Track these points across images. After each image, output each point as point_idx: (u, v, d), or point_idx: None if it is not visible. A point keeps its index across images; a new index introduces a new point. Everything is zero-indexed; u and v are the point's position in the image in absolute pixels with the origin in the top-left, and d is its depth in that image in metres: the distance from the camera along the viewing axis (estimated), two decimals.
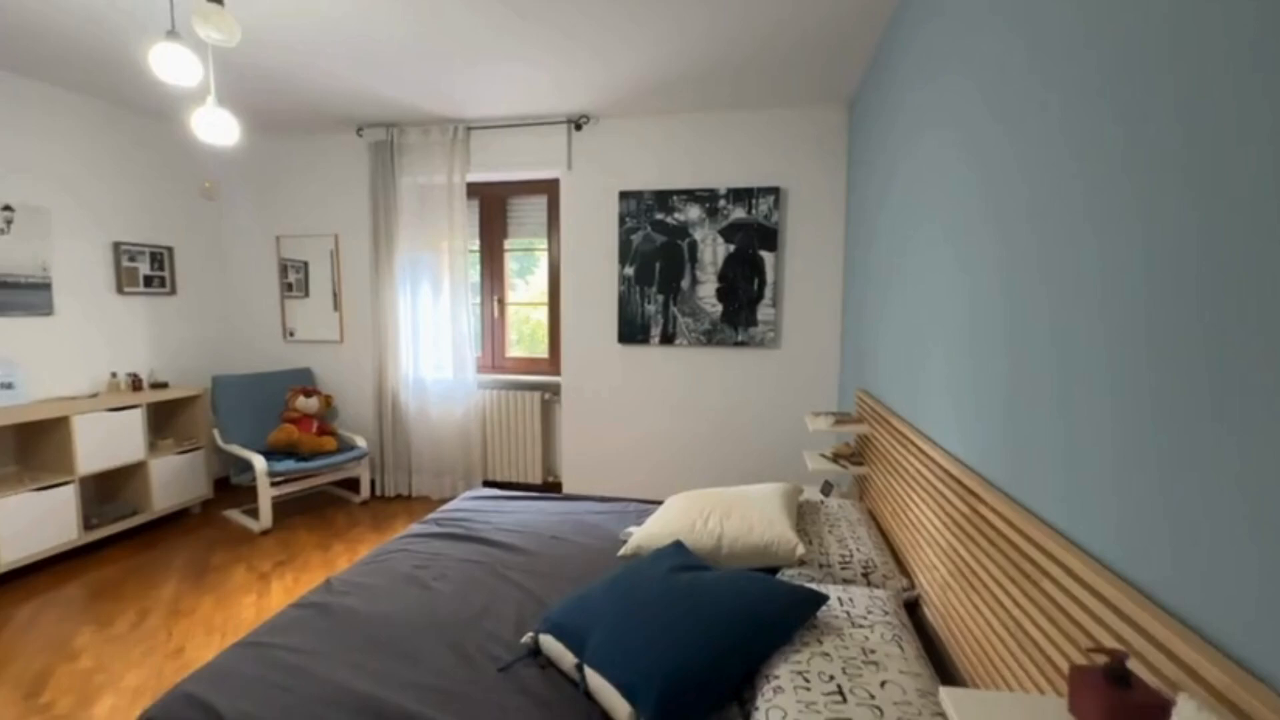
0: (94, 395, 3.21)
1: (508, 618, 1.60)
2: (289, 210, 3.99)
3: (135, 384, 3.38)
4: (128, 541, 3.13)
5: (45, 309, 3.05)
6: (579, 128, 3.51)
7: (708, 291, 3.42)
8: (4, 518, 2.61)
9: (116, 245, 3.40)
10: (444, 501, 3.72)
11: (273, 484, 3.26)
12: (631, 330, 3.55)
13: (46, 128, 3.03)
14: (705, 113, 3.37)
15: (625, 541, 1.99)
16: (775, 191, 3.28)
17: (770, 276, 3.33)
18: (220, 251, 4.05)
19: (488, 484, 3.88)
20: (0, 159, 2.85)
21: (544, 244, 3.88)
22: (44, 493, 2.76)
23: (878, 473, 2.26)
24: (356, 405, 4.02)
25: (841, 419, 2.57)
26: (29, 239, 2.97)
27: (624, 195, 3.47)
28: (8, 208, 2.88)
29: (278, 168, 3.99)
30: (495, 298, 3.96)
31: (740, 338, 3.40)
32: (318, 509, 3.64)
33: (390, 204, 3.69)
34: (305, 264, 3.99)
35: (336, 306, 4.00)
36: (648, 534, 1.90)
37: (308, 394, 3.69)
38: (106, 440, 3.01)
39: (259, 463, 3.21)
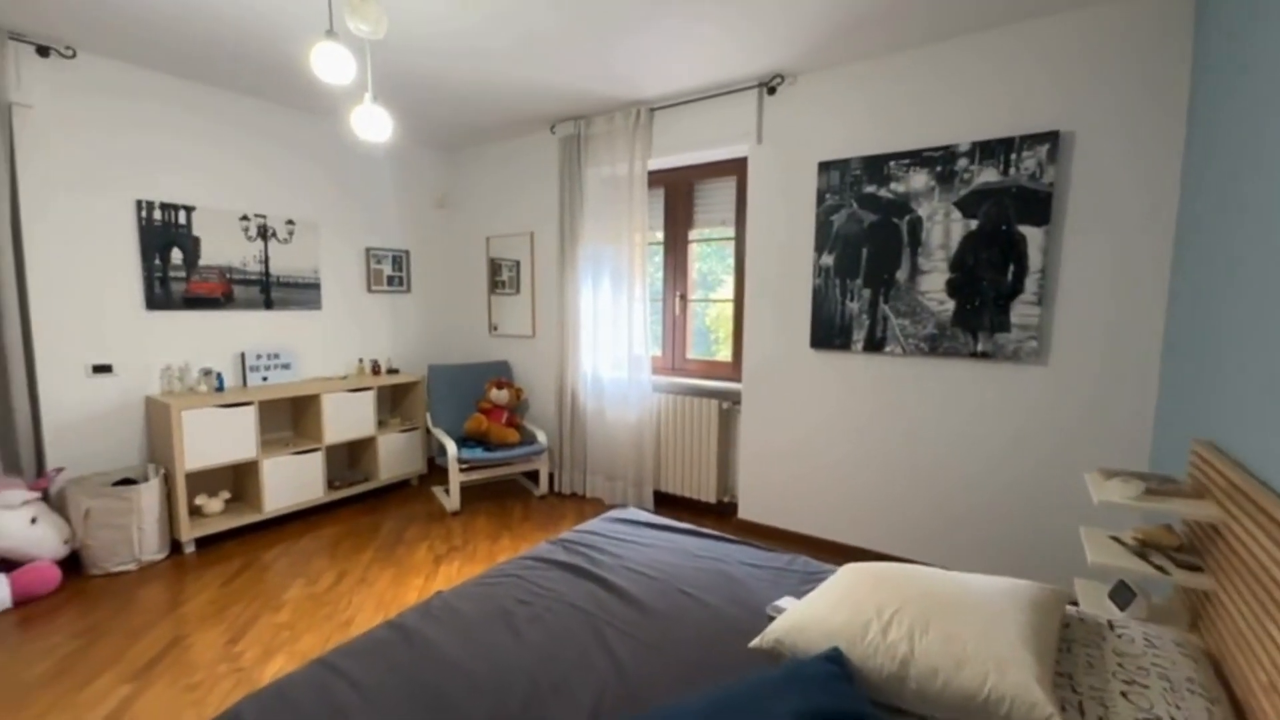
0: (344, 377, 3.81)
1: (581, 706, 1.23)
2: (498, 212, 4.25)
3: (374, 369, 3.94)
4: (358, 504, 3.64)
5: (315, 304, 3.71)
6: (771, 91, 2.96)
7: (934, 284, 2.57)
8: (274, 473, 3.21)
9: (368, 250, 3.99)
10: (613, 508, 3.55)
11: (461, 470, 3.47)
12: (827, 333, 2.88)
13: (316, 153, 3.66)
14: (940, 43, 2.51)
15: (769, 619, 1.47)
16: (1051, 138, 2.28)
17: (1036, 262, 2.34)
18: (444, 253, 4.54)
19: (658, 496, 3.60)
20: (286, 181, 3.52)
21: (731, 232, 3.42)
22: (301, 456, 3.33)
23: (1235, 592, 1.30)
24: (542, 400, 4.12)
25: (1158, 487, 1.59)
26: (305, 247, 3.63)
27: (824, 167, 2.82)
28: (290, 222, 3.55)
29: (488, 174, 4.29)
30: (677, 293, 3.65)
31: (981, 347, 2.48)
32: (501, 496, 3.80)
33: (575, 198, 3.64)
34: (517, 262, 4.20)
35: (530, 302, 4.14)
36: (797, 625, 1.34)
37: (500, 386, 3.87)
38: (346, 416, 3.53)
39: (450, 448, 3.44)
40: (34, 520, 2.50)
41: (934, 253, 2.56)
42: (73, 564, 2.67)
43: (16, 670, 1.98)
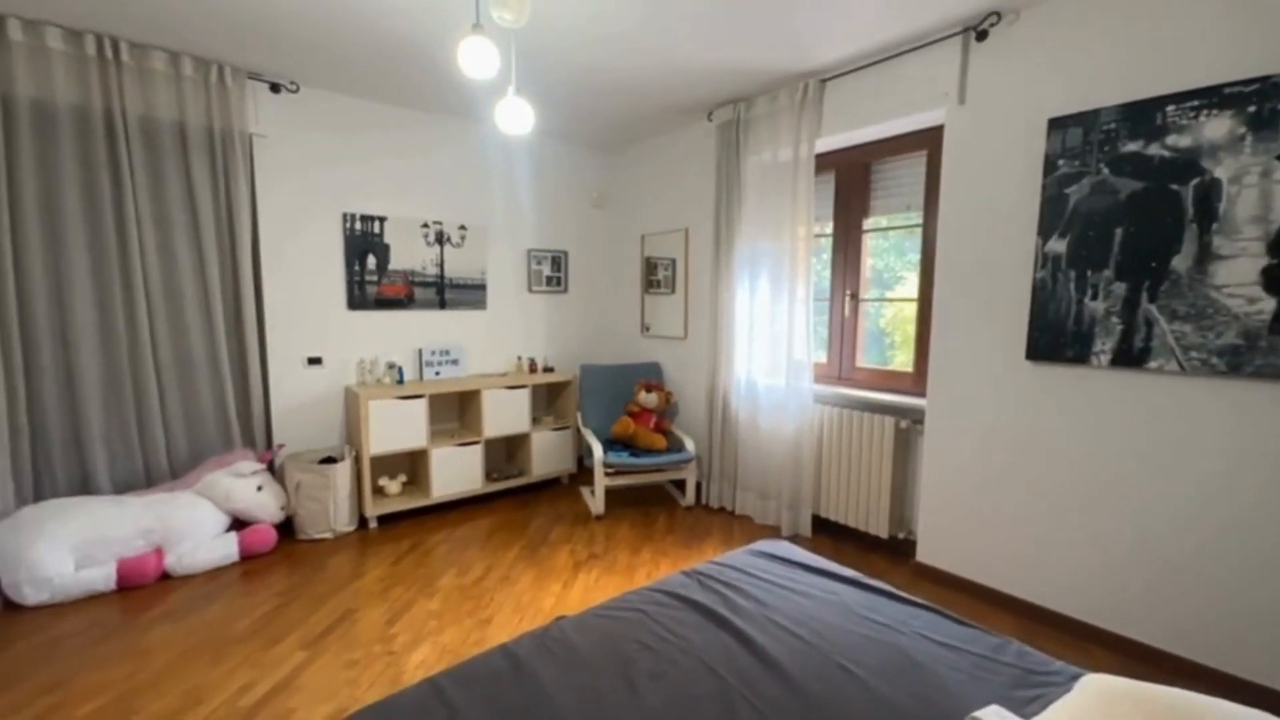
0: (504, 374, 3.98)
1: None
2: (653, 209, 4.13)
3: (531, 367, 4.07)
4: (512, 498, 3.78)
5: (481, 304, 3.94)
6: (981, 36, 2.37)
7: (1240, 274, 1.81)
8: (441, 462, 3.44)
9: (529, 252, 4.14)
10: (765, 530, 3.21)
11: (606, 473, 3.40)
12: (1054, 341, 2.22)
13: (485, 161, 3.86)
14: None
15: None
16: None
17: None
18: (600, 253, 4.55)
19: (818, 522, 3.16)
20: (459, 190, 3.76)
21: (917, 219, 2.86)
22: (464, 447, 3.54)
23: None
24: (692, 405, 3.90)
25: None
26: (475, 250, 3.86)
27: (1058, 125, 2.16)
28: (463, 227, 3.79)
29: (643, 170, 4.19)
30: (847, 292, 3.17)
31: None
32: (646, 503, 3.67)
33: (733, 190, 3.35)
34: (672, 261, 4.05)
35: (683, 302, 3.94)
36: None
37: (649, 388, 3.74)
38: (504, 412, 3.68)
39: (597, 450, 3.38)
40: (260, 488, 2.94)
41: (1241, 229, 1.79)
42: (286, 529, 3.10)
43: (227, 624, 2.30)
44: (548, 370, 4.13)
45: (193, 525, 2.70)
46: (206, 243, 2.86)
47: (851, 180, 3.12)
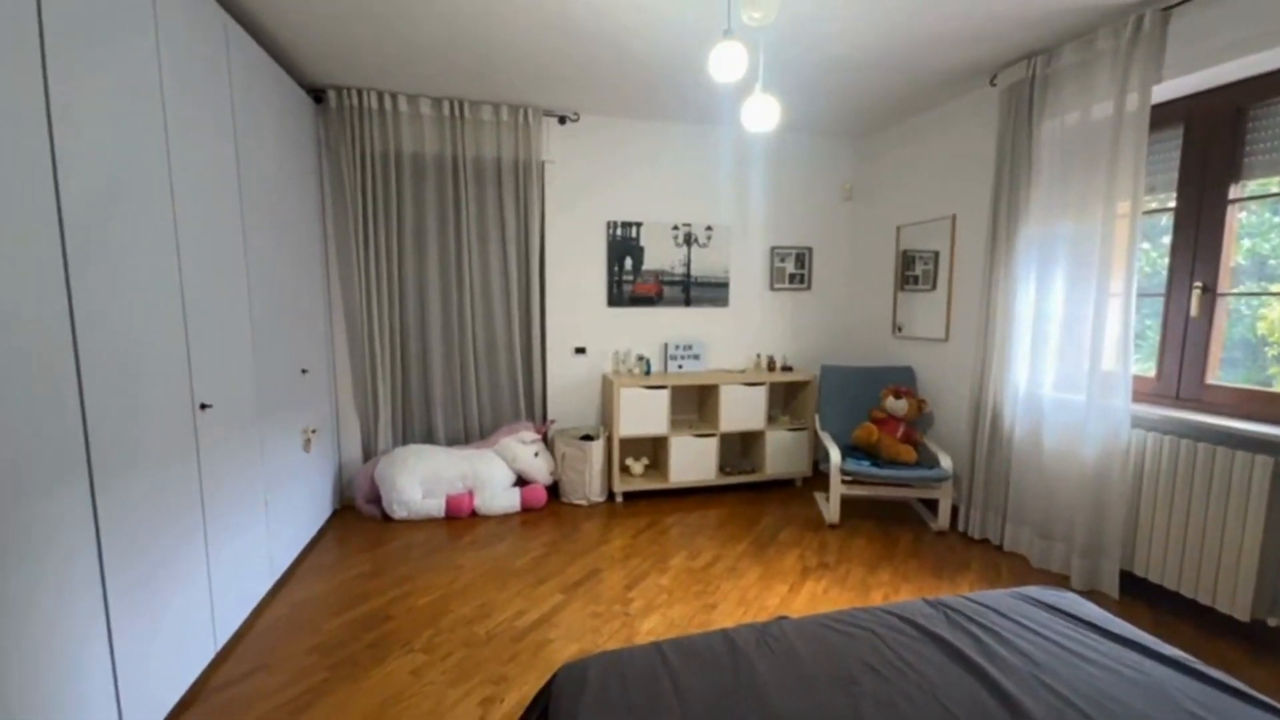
0: (742, 371, 4.04)
1: None
2: (913, 197, 3.71)
3: (770, 365, 4.04)
4: (743, 493, 3.82)
5: (723, 302, 4.06)
6: None
7: None
8: (679, 450, 3.68)
9: (772, 249, 4.12)
10: (1045, 577, 2.64)
11: (843, 481, 3.19)
12: None
13: (730, 162, 3.95)
14: None
15: None
16: None
17: None
18: (847, 248, 4.26)
19: (1129, 581, 2.46)
20: (706, 192, 3.94)
21: None
22: (701, 439, 3.71)
23: None
24: (951, 416, 3.40)
25: None
26: (719, 249, 4.00)
27: None
28: (709, 227, 3.96)
29: (901, 155, 3.78)
30: (1196, 284, 2.38)
31: None
32: (888, 520, 3.33)
33: (1019, 164, 2.80)
34: (935, 254, 3.61)
35: (945, 299, 3.45)
36: None
37: (899, 394, 3.39)
38: (740, 408, 3.74)
39: (834, 455, 3.20)
40: (536, 454, 3.56)
41: None
42: (554, 491, 3.68)
43: (510, 558, 2.85)
44: (786, 369, 4.06)
45: (492, 477, 3.41)
46: (509, 252, 3.57)
47: (1212, 134, 2.33)
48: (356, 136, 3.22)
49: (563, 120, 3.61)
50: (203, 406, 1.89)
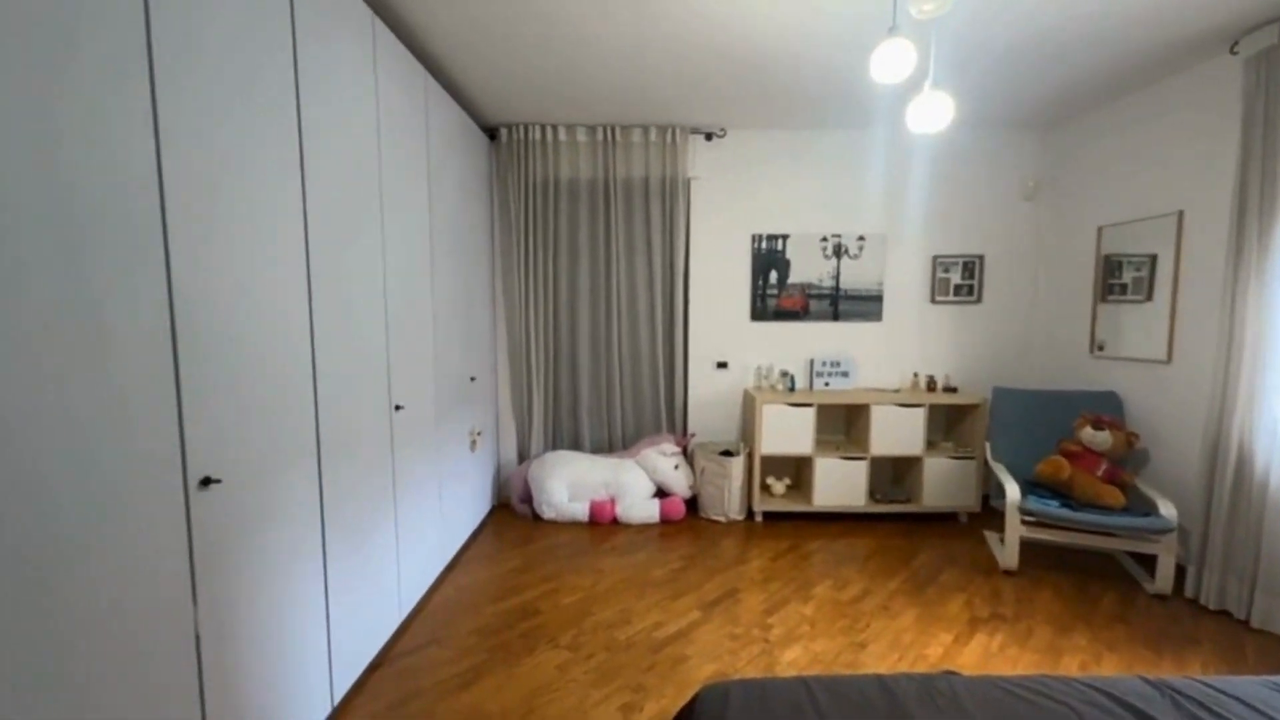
0: (896, 390, 3.72)
1: None
2: (1119, 192, 3.15)
3: (930, 385, 3.67)
4: (895, 524, 3.50)
5: (875, 316, 3.79)
6: None
7: None
8: (824, 472, 3.48)
9: (934, 259, 3.75)
10: None
11: (1023, 521, 2.77)
12: None
13: (885, 167, 3.68)
14: None
15: None
16: None
17: None
18: (1030, 255, 3.74)
19: None
20: (858, 200, 3.71)
21: None
22: (849, 462, 3.48)
23: None
24: (1175, 455, 2.79)
25: None
26: (872, 260, 3.74)
27: None
28: (861, 238, 3.73)
29: (1101, 144, 3.23)
30: None
31: None
32: (1085, 573, 2.82)
33: (1274, 147, 2.25)
34: (1151, 258, 3.03)
35: (1168, 312, 2.87)
36: None
37: (1101, 425, 2.87)
38: (894, 430, 3.44)
39: (1011, 491, 2.80)
40: (676, 467, 3.60)
41: None
42: (692, 505, 3.69)
43: (649, 568, 2.89)
44: (950, 390, 3.66)
45: (633, 487, 3.51)
46: (654, 267, 3.68)
47: None
48: (522, 166, 3.55)
49: (709, 137, 3.65)
50: (397, 408, 2.20)
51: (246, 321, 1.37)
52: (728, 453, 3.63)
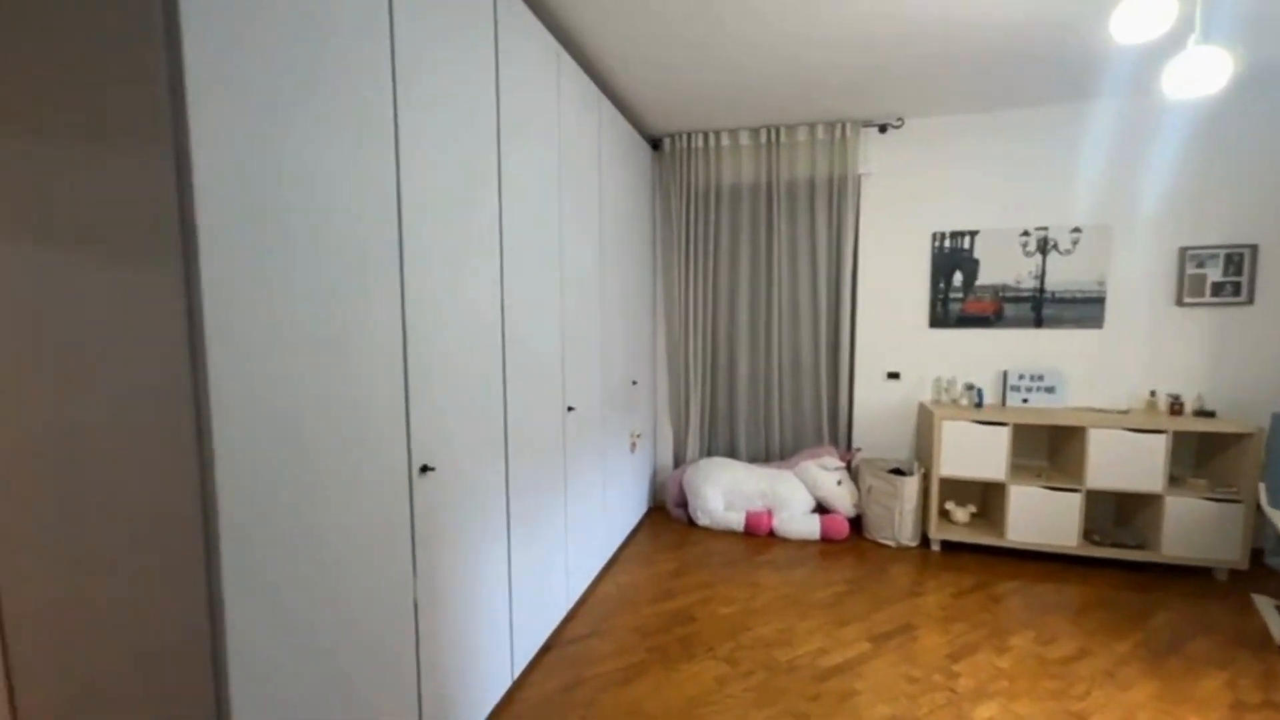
0: (1124, 411, 3.09)
1: None
2: None
3: (1173, 407, 2.99)
4: (1122, 573, 2.89)
5: (1094, 322, 3.18)
6: None
7: None
8: (1021, 502, 3.01)
9: (1183, 251, 3.05)
10: None
11: None
12: None
13: (1112, 145, 3.07)
14: None
15: None
16: None
17: None
18: None
19: None
20: (1072, 187, 3.15)
21: None
22: (1055, 493, 2.96)
23: None
24: None
25: None
26: (1090, 256, 3.16)
27: None
28: (1076, 230, 3.16)
29: None
30: None
31: None
32: None
33: None
34: None
35: None
36: None
37: None
38: (1121, 460, 2.85)
39: None
40: (839, 483, 3.37)
41: None
42: (856, 524, 3.43)
43: (810, 588, 2.74)
44: (1204, 414, 2.94)
45: (791, 499, 3.36)
46: (819, 270, 3.49)
47: None
48: (684, 174, 3.61)
49: (883, 129, 3.37)
50: (569, 409, 2.35)
51: (454, 331, 1.55)
52: (898, 471, 3.32)
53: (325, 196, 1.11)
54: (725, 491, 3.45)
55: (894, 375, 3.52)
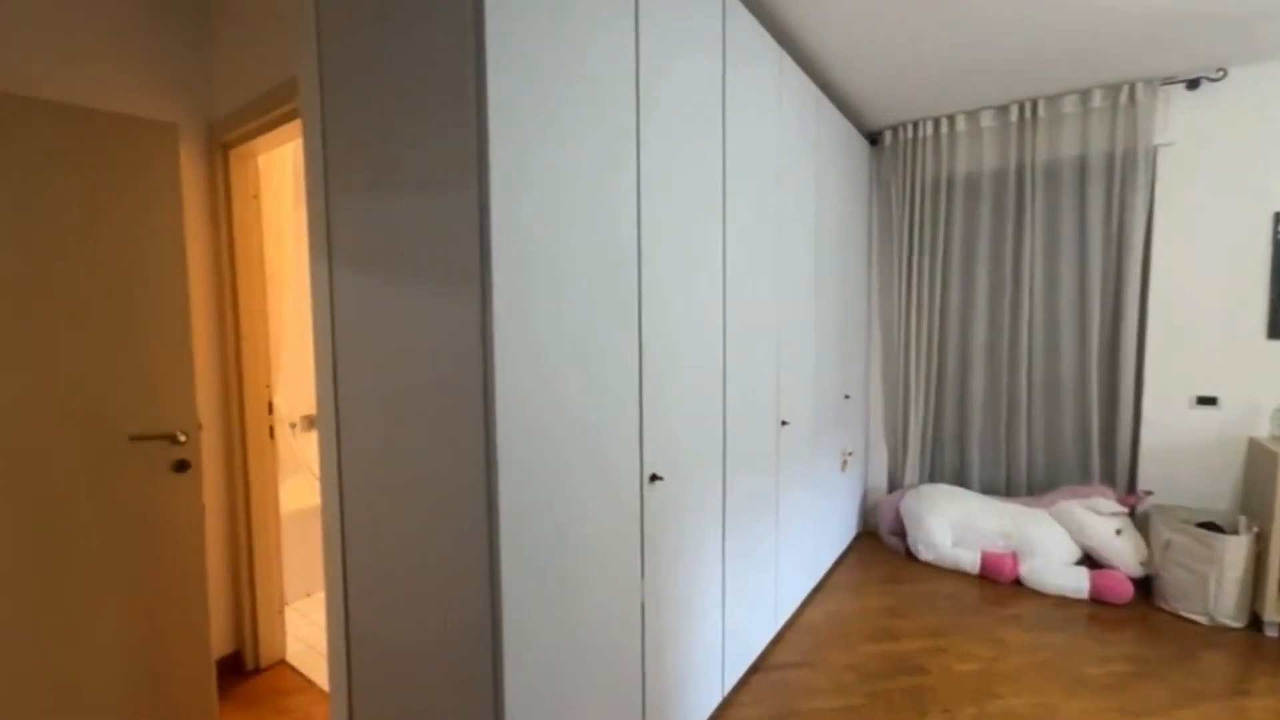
0: None
1: None
2: None
3: None
4: None
5: None
6: None
7: None
8: None
9: None
10: None
11: None
12: None
13: None
14: None
15: None
16: None
17: None
18: None
19: None
20: None
21: None
22: None
23: None
24: None
25: None
26: None
27: None
28: None
29: None
30: None
31: None
32: None
33: None
34: None
35: None
36: None
37: None
38: None
39: None
40: (1118, 532, 2.70)
41: None
42: (1143, 587, 2.71)
43: (1077, 659, 2.22)
44: None
45: (1044, 544, 2.79)
46: (1090, 269, 2.85)
47: None
48: (908, 168, 3.25)
49: (1194, 84, 2.63)
50: (783, 423, 2.26)
51: (680, 344, 1.58)
52: (1214, 526, 2.54)
53: (584, 222, 1.21)
54: (954, 525, 3.00)
55: (1207, 401, 2.71)
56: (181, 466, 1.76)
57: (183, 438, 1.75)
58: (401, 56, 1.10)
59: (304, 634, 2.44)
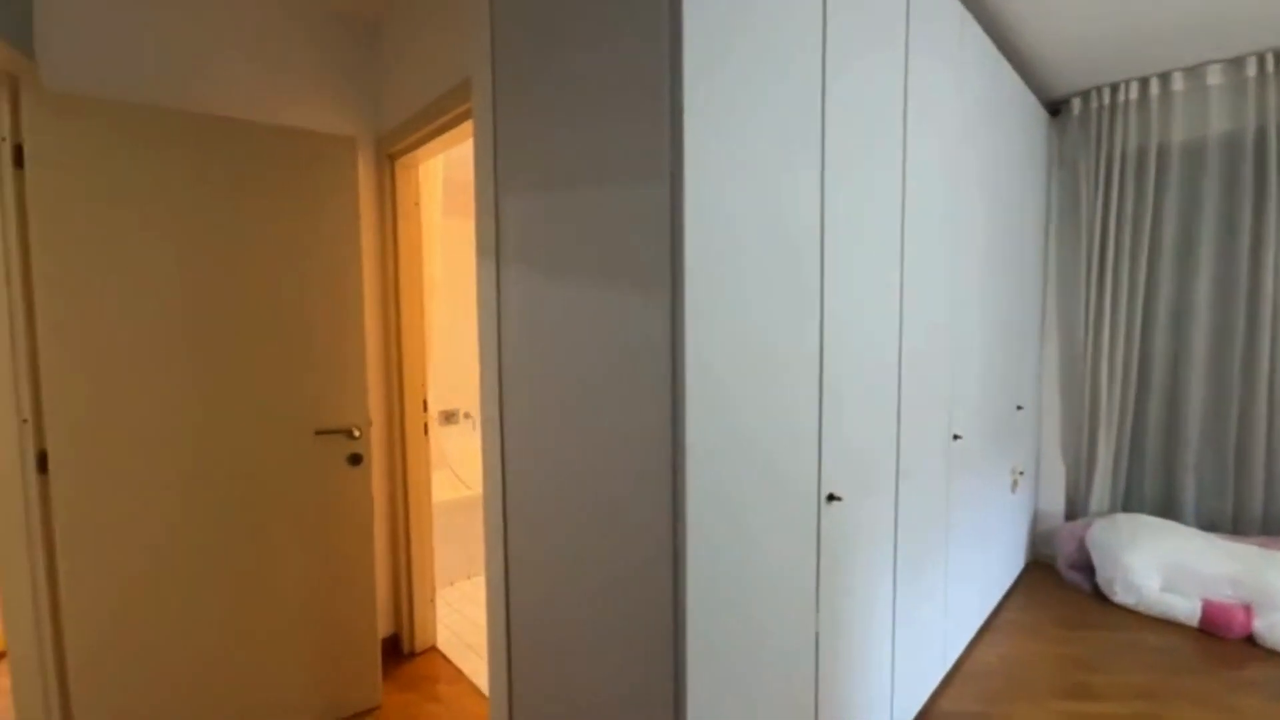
0: None
1: None
2: None
3: None
4: None
5: None
6: None
7: None
8: None
9: None
10: None
11: None
12: None
13: None
14: None
15: None
16: None
17: None
18: None
19: None
20: None
21: None
22: None
23: None
24: None
25: None
26: None
27: None
28: None
29: None
30: None
31: None
32: None
33: None
34: None
35: None
36: None
37: None
38: None
39: None
40: None
41: None
42: None
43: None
44: None
45: None
46: None
47: None
48: (1103, 141, 2.77)
49: None
50: (955, 437, 1.98)
51: (858, 352, 1.40)
52: None
53: (767, 220, 1.09)
54: (1164, 566, 2.50)
55: None
56: (355, 460, 1.87)
57: (357, 433, 1.86)
58: (586, 53, 1.04)
59: (450, 622, 2.55)
